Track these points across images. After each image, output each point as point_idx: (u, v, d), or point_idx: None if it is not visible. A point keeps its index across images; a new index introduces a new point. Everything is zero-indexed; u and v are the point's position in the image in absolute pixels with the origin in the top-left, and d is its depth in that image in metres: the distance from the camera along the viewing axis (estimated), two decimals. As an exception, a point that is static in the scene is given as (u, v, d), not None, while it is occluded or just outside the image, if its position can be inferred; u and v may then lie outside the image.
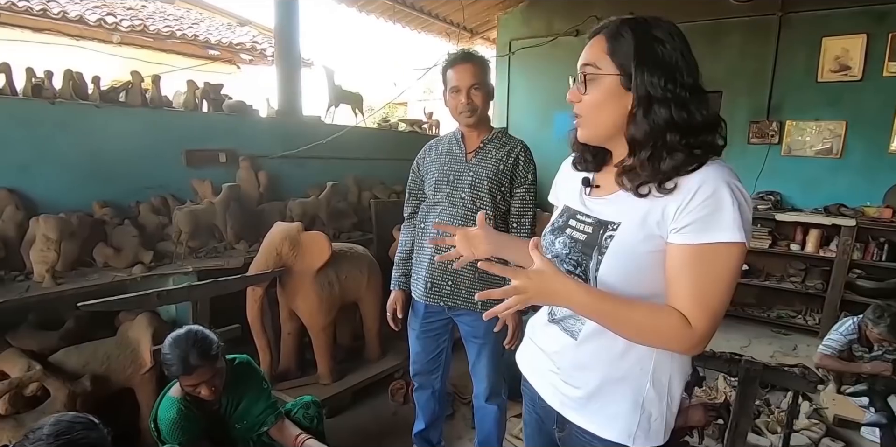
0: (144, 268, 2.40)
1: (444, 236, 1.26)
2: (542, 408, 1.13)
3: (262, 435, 1.81)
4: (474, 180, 1.81)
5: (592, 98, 0.94)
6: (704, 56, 4.25)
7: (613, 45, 0.91)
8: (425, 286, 1.89)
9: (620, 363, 0.97)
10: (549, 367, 1.08)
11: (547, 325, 1.10)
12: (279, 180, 3.50)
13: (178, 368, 1.56)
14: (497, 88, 6.00)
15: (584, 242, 0.99)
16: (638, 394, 0.97)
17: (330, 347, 2.74)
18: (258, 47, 5.38)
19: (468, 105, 1.75)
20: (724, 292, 0.85)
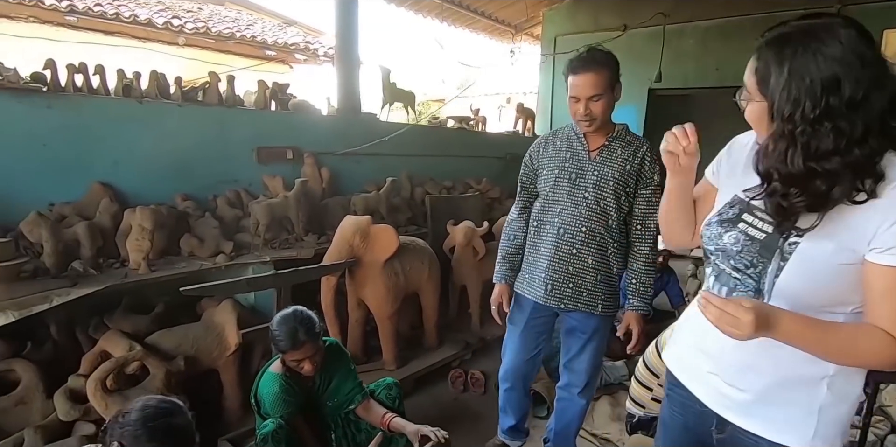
0: (227, 257, 2.54)
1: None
2: (694, 412, 1.09)
3: (349, 413, 1.93)
4: (599, 180, 1.73)
5: (749, 117, 0.92)
6: (753, 50, 4.21)
7: (761, 73, 0.85)
8: (545, 288, 1.81)
9: (794, 365, 0.92)
10: (709, 369, 1.04)
11: (707, 327, 0.95)
12: (339, 176, 3.62)
13: (287, 343, 1.69)
14: (541, 85, 6.06)
15: (762, 243, 0.93)
16: (814, 397, 0.93)
17: (395, 335, 2.85)
18: (311, 47, 5.55)
19: (586, 115, 1.66)
20: None
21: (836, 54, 0.77)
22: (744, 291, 0.96)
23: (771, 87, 0.82)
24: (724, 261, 0.99)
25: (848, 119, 0.77)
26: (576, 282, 1.79)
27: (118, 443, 1.21)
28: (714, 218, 1.03)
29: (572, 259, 1.77)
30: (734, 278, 0.98)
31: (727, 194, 1.05)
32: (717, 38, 4.92)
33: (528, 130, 5.66)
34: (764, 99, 0.85)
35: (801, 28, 0.82)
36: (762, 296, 0.93)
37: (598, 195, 1.73)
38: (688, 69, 5.05)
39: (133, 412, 1.26)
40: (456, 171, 4.54)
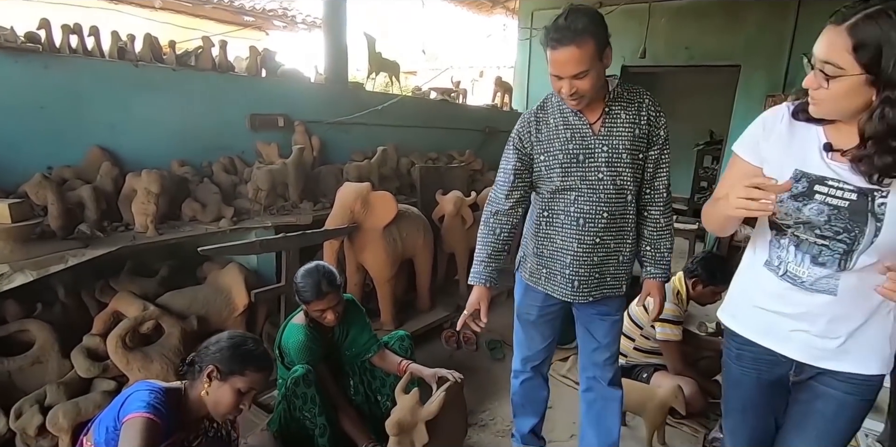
0: (229, 222, 2.59)
1: None
2: (767, 363, 1.22)
3: (365, 361, 2.07)
4: (611, 155, 1.52)
5: (833, 93, 0.97)
6: (723, 30, 4.50)
7: (857, 44, 0.91)
8: (572, 285, 1.63)
9: (873, 306, 1.09)
10: (794, 327, 1.15)
11: (785, 292, 1.14)
12: (328, 145, 3.66)
13: (312, 294, 1.81)
14: (518, 60, 6.14)
15: (850, 210, 1.03)
16: (886, 328, 1.11)
17: (393, 297, 2.99)
18: (289, 14, 5.43)
19: (572, 95, 1.44)
20: None
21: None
22: (830, 255, 1.08)
23: (883, 61, 0.90)
24: (806, 232, 1.09)
25: None
26: (601, 270, 1.63)
27: (213, 366, 1.34)
28: (784, 195, 1.08)
29: (596, 248, 1.60)
30: (819, 245, 1.08)
31: (785, 169, 1.10)
32: (687, 18, 5.12)
33: (505, 104, 5.77)
34: (864, 72, 0.93)
35: (887, 4, 0.91)
36: (853, 256, 1.05)
37: (614, 172, 1.53)
38: (658, 47, 5.24)
39: (222, 341, 1.43)
40: (439, 143, 4.63)
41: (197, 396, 1.39)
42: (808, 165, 1.08)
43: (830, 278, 1.09)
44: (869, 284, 1.03)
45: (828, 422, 1.18)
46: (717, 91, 5.53)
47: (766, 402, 1.29)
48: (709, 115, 6.45)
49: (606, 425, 1.83)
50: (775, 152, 1.13)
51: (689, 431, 2.27)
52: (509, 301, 3.78)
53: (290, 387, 1.77)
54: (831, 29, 0.96)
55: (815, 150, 1.08)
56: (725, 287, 2.38)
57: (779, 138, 1.13)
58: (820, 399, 1.18)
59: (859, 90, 0.95)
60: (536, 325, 1.83)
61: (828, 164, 1.07)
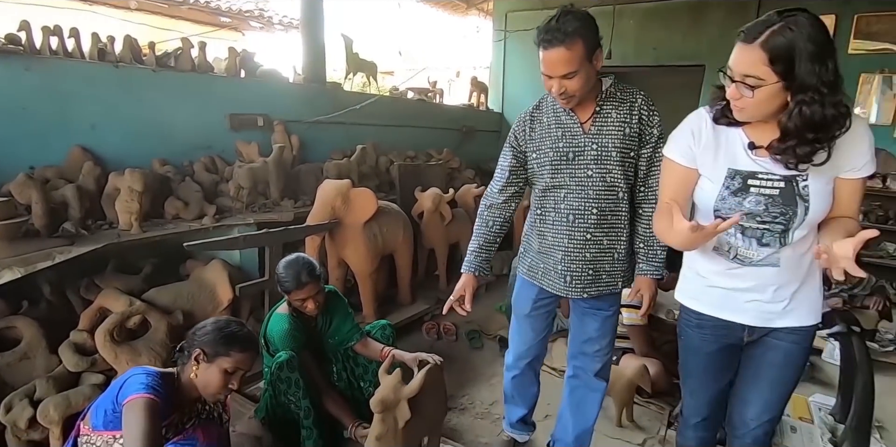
0: (212, 219, 2.65)
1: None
2: (725, 328, 1.38)
3: (348, 349, 2.17)
4: (600, 153, 1.56)
5: (757, 100, 1.12)
6: (688, 31, 4.74)
7: (772, 57, 1.06)
8: (564, 280, 1.67)
9: (807, 270, 1.28)
10: (748, 298, 1.32)
11: (735, 270, 1.31)
12: (307, 144, 3.72)
13: (292, 284, 1.90)
14: (493, 61, 6.28)
15: (782, 196, 1.20)
16: (816, 285, 1.32)
17: (374, 291, 3.09)
18: (265, 15, 5.46)
19: (561, 94, 1.49)
20: None
21: (821, 38, 1.05)
22: (771, 236, 1.24)
23: (796, 69, 1.06)
24: (749, 220, 1.24)
25: (838, 78, 1.08)
26: (594, 266, 1.66)
27: (199, 349, 1.42)
28: (723, 193, 1.25)
29: (588, 244, 1.63)
30: (762, 229, 1.24)
31: (718, 170, 1.25)
32: (654, 20, 5.33)
33: (481, 104, 5.90)
34: (781, 80, 1.08)
35: (787, 20, 1.06)
36: (789, 233, 1.22)
37: (603, 170, 1.57)
38: (628, 48, 5.43)
39: (208, 325, 1.51)
40: (417, 142, 4.73)
41: (188, 379, 1.47)
42: (738, 164, 1.23)
43: (774, 254, 1.26)
44: (801, 253, 1.25)
45: (779, 369, 1.36)
46: (684, 90, 5.72)
47: (724, 365, 1.45)
48: (677, 113, 6.64)
49: (584, 412, 1.90)
50: (708, 155, 1.27)
51: (655, 409, 2.42)
52: (488, 294, 3.94)
53: (275, 372, 1.85)
54: (744, 47, 1.10)
55: (741, 149, 1.23)
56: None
57: (708, 142, 1.26)
58: (771, 351, 1.36)
59: (778, 95, 1.11)
60: (529, 318, 1.87)
61: (754, 160, 1.22)
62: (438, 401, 1.90)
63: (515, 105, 1.99)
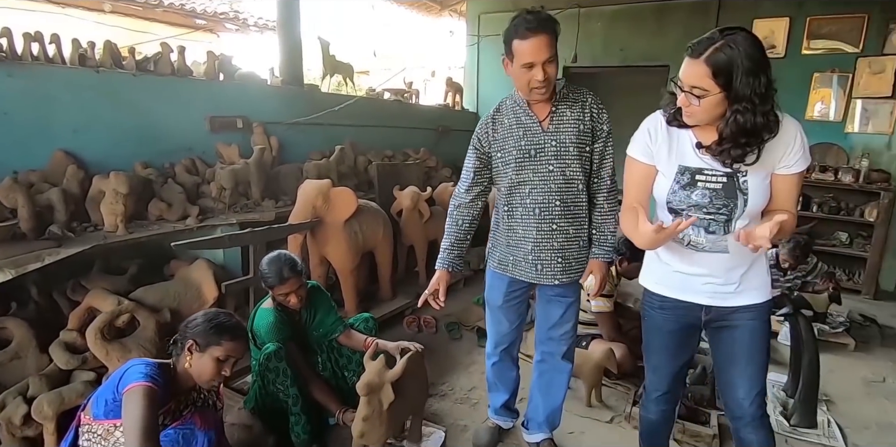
0: (195, 220, 2.73)
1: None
2: (684, 309, 1.52)
3: (332, 340, 2.28)
4: (559, 149, 1.70)
5: (703, 108, 1.28)
6: (653, 33, 4.98)
7: (715, 71, 1.22)
8: (535, 269, 1.80)
9: (753, 255, 1.42)
10: (705, 282, 1.46)
11: (692, 256, 1.45)
12: (286, 145, 3.80)
13: (275, 279, 2.01)
14: (468, 61, 6.42)
15: (724, 190, 1.35)
16: (763, 268, 1.48)
17: (356, 288, 3.19)
18: (240, 17, 5.48)
19: (544, 81, 1.60)
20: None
21: (756, 55, 1.20)
22: (717, 225, 1.39)
23: (734, 82, 1.21)
24: (696, 211, 1.39)
25: (770, 90, 1.24)
26: (563, 255, 1.79)
27: (192, 340, 1.52)
28: (674, 186, 1.41)
29: (555, 234, 1.77)
30: (707, 220, 1.39)
31: (671, 166, 1.41)
32: (620, 22, 5.52)
33: (456, 104, 6.03)
34: (722, 91, 1.24)
35: (728, 38, 1.21)
36: (732, 222, 1.37)
37: (563, 164, 1.71)
38: (596, 49, 5.63)
39: (198, 318, 1.60)
40: (394, 141, 4.84)
41: (183, 369, 1.57)
42: (687, 161, 1.39)
43: (721, 241, 1.40)
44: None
45: (749, 345, 1.49)
46: (650, 89, 5.92)
47: (683, 342, 1.60)
48: (644, 112, 6.86)
49: (553, 393, 2.03)
50: (663, 153, 1.43)
51: (621, 390, 2.60)
52: (466, 288, 4.08)
53: (263, 362, 1.95)
54: (691, 61, 1.25)
55: (690, 148, 1.39)
56: (646, 262, 2.74)
57: (663, 142, 1.42)
58: (737, 331, 1.49)
59: (721, 103, 1.26)
60: (503, 310, 1.98)
61: (701, 158, 1.37)
62: (420, 386, 2.03)
63: (490, 105, 2.09)
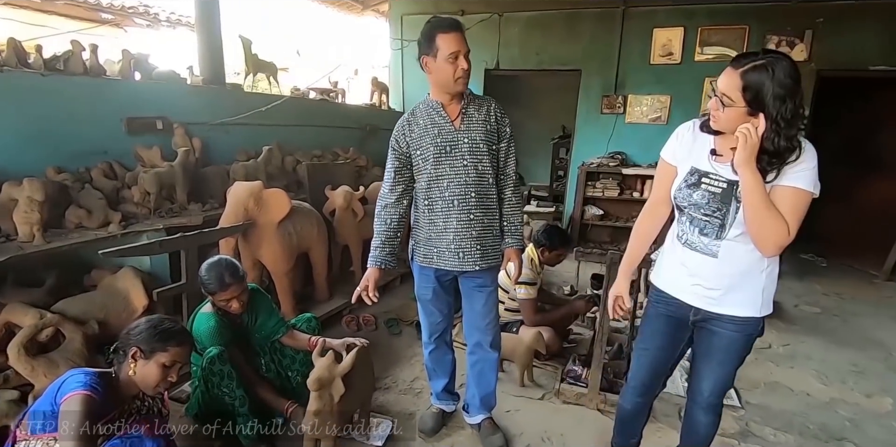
0: (118, 226, 2.62)
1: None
2: (675, 306, 1.63)
3: (275, 342, 2.31)
4: (471, 146, 1.88)
5: (726, 115, 1.38)
6: (565, 39, 5.41)
7: (745, 86, 1.31)
8: (458, 257, 1.94)
9: (746, 267, 1.49)
10: (693, 282, 1.55)
11: (685, 255, 1.56)
12: (209, 146, 3.69)
13: (216, 285, 2.01)
14: (392, 61, 6.49)
15: (721, 196, 1.44)
16: (758, 282, 1.50)
17: (292, 290, 3.20)
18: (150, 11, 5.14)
19: (467, 70, 1.81)
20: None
21: (788, 83, 1.29)
22: (711, 228, 1.49)
23: (764, 100, 1.30)
24: (695, 211, 1.50)
25: (797, 115, 1.31)
26: (481, 242, 1.95)
27: (136, 347, 1.51)
28: (682, 185, 1.53)
29: (473, 223, 1.93)
30: (703, 220, 1.50)
31: (685, 167, 1.55)
32: (536, 28, 5.83)
33: (383, 104, 6.09)
34: (747, 106, 1.33)
35: (770, 60, 1.30)
36: (725, 228, 1.46)
37: (475, 160, 1.89)
38: (514, 54, 5.91)
39: (141, 325, 1.59)
40: (322, 141, 4.82)
41: (126, 377, 1.55)
42: (700, 164, 1.52)
43: (712, 245, 1.50)
44: (738, 252, 1.48)
45: (723, 352, 1.60)
46: (565, 91, 6.34)
47: (670, 333, 1.71)
48: (561, 113, 7.36)
49: (486, 380, 2.21)
50: (683, 153, 1.57)
51: (550, 369, 2.84)
52: (402, 286, 4.19)
53: (207, 366, 1.95)
54: (730, 71, 1.35)
55: (706, 153, 1.51)
56: (566, 250, 3.00)
57: (686, 143, 1.57)
58: (715, 336, 1.59)
59: (741, 117, 1.37)
60: (433, 302, 2.12)
61: (712, 164, 1.49)
62: (367, 380, 2.13)
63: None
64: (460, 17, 5.90)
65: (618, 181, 5.69)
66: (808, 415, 2.55)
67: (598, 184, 5.75)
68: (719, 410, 1.75)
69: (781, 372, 3.00)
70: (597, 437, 2.26)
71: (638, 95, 5.68)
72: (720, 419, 1.76)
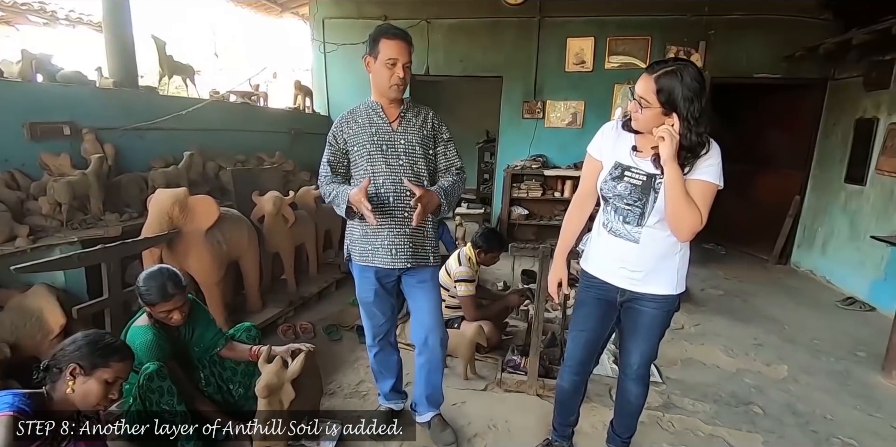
0: (26, 240, 2.40)
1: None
2: (605, 289, 1.78)
3: (213, 355, 2.22)
4: (408, 147, 1.95)
5: (645, 116, 1.56)
6: (488, 47, 5.69)
7: (659, 89, 1.50)
8: (391, 253, 1.97)
9: (665, 251, 1.67)
10: (619, 265, 1.72)
11: (611, 242, 1.72)
12: (123, 153, 3.46)
13: (158, 296, 1.92)
14: (315, 65, 6.40)
15: (642, 187, 1.62)
16: (673, 264, 1.70)
17: (223, 300, 3.08)
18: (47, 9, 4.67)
19: (403, 79, 1.87)
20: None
21: (695, 86, 1.49)
22: (633, 216, 1.65)
23: (676, 101, 1.50)
24: (619, 201, 1.67)
25: (704, 114, 1.51)
26: (413, 241, 1.99)
27: (75, 364, 1.41)
28: (608, 177, 1.70)
29: (406, 221, 1.95)
30: (626, 209, 1.66)
31: (610, 162, 1.71)
32: (460, 35, 5.99)
33: (307, 108, 5.98)
34: (661, 107, 1.52)
35: (679, 67, 1.50)
36: (645, 216, 1.63)
37: (411, 160, 1.95)
38: (440, 60, 6.03)
39: (79, 340, 1.51)
40: (245, 145, 4.65)
41: (62, 396, 1.45)
42: (623, 159, 1.68)
43: (634, 232, 1.68)
44: (657, 237, 1.66)
45: (647, 327, 1.79)
46: (488, 97, 6.56)
47: (601, 315, 1.86)
48: (485, 118, 7.59)
49: (433, 378, 2.23)
50: (608, 149, 1.73)
51: (491, 361, 2.95)
52: (338, 291, 4.15)
53: (145, 383, 1.85)
54: (646, 76, 1.54)
55: (628, 149, 1.68)
56: (499, 252, 3.14)
57: (610, 140, 1.73)
58: (639, 314, 1.77)
59: (657, 117, 1.55)
60: (375, 304, 2.11)
61: (633, 159, 1.67)
62: (315, 384, 2.11)
63: (341, 108, 2.14)
64: (383, 21, 5.96)
65: (540, 182, 5.99)
66: (720, 385, 2.85)
67: (522, 185, 6.02)
68: (647, 381, 1.94)
69: (694, 348, 3.32)
70: (538, 420, 2.39)
71: (555, 101, 6.01)
72: (648, 390, 1.95)
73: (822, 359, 3.24)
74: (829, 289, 4.85)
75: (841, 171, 4.97)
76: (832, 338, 3.59)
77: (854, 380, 2.97)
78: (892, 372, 2.95)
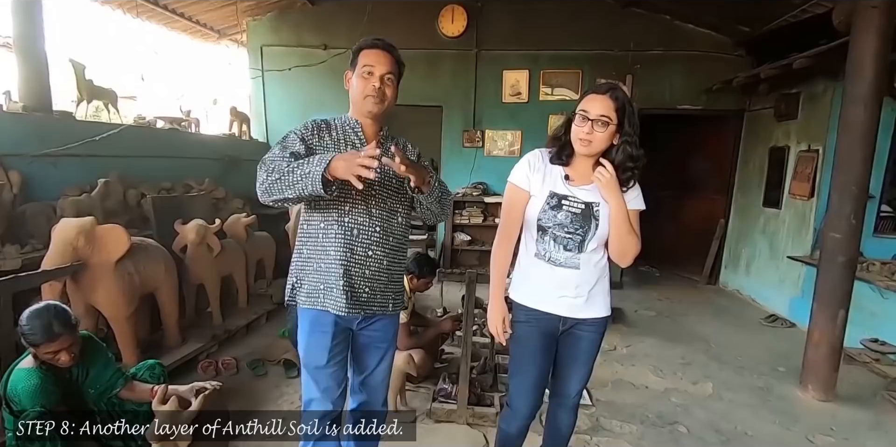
0: None
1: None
2: (545, 320, 1.75)
3: (112, 397, 2.03)
4: (383, 177, 1.62)
5: (604, 136, 1.60)
6: (426, 77, 5.80)
7: (618, 107, 1.59)
8: (346, 297, 1.60)
9: (599, 274, 1.74)
10: (560, 294, 1.72)
11: (550, 271, 1.71)
12: (32, 181, 3.24)
13: (41, 336, 1.75)
14: (253, 92, 6.31)
15: (582, 215, 1.67)
16: (605, 286, 1.77)
17: (134, 336, 2.87)
18: (-47, 27, 4.38)
19: (378, 90, 1.58)
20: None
21: (629, 99, 1.61)
22: (573, 244, 1.68)
23: (627, 117, 1.59)
24: (559, 230, 1.68)
25: (637, 132, 1.63)
26: (371, 285, 1.65)
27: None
28: (545, 207, 1.70)
29: (368, 261, 1.64)
30: (566, 238, 1.68)
31: (544, 191, 1.71)
32: (398, 64, 6.09)
33: (244, 134, 5.85)
34: (618, 123, 1.60)
35: (614, 85, 1.64)
36: (585, 243, 1.67)
37: (385, 194, 1.66)
38: (380, 87, 6.07)
39: None
40: (172, 173, 4.46)
41: None
42: (557, 189, 1.70)
43: (574, 258, 1.69)
44: (593, 262, 1.72)
45: (586, 352, 1.80)
46: (429, 125, 6.65)
47: (544, 351, 1.79)
48: (426, 143, 7.60)
49: (370, 439, 1.86)
50: (538, 181, 1.72)
51: (423, 391, 2.87)
52: (268, 324, 3.98)
53: (24, 434, 1.66)
54: (600, 96, 1.60)
55: (560, 179, 1.71)
56: (431, 277, 3.11)
57: (540, 172, 1.73)
58: (579, 340, 1.78)
59: (613, 135, 1.62)
60: (329, 366, 1.65)
61: (568, 188, 1.70)
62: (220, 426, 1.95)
63: (280, 135, 2.07)
64: (323, 50, 5.99)
65: (482, 209, 6.06)
66: (647, 405, 2.88)
67: (464, 212, 6.07)
68: (577, 409, 1.93)
69: (625, 369, 3.36)
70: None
71: (494, 130, 6.16)
72: (577, 417, 1.93)
73: (745, 376, 3.35)
74: (754, 307, 5.08)
75: (759, 196, 5.31)
76: (755, 354, 3.73)
77: (774, 395, 3.08)
78: (808, 385, 3.08)
